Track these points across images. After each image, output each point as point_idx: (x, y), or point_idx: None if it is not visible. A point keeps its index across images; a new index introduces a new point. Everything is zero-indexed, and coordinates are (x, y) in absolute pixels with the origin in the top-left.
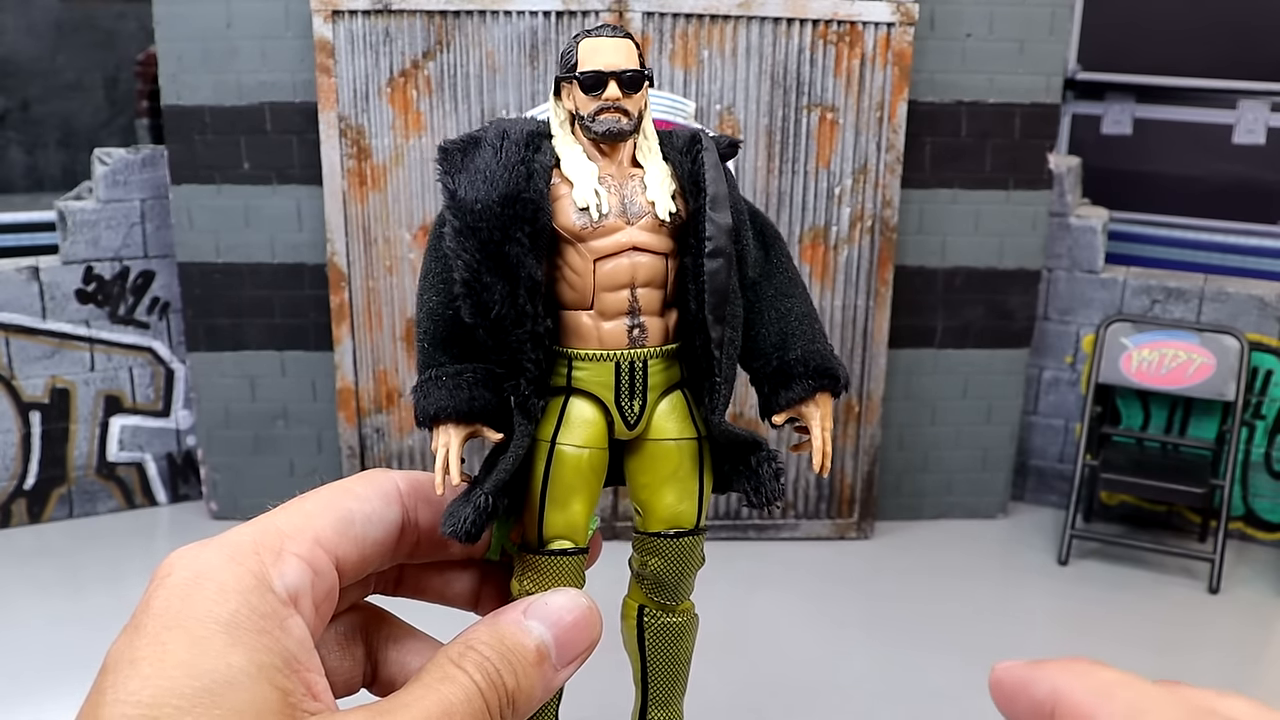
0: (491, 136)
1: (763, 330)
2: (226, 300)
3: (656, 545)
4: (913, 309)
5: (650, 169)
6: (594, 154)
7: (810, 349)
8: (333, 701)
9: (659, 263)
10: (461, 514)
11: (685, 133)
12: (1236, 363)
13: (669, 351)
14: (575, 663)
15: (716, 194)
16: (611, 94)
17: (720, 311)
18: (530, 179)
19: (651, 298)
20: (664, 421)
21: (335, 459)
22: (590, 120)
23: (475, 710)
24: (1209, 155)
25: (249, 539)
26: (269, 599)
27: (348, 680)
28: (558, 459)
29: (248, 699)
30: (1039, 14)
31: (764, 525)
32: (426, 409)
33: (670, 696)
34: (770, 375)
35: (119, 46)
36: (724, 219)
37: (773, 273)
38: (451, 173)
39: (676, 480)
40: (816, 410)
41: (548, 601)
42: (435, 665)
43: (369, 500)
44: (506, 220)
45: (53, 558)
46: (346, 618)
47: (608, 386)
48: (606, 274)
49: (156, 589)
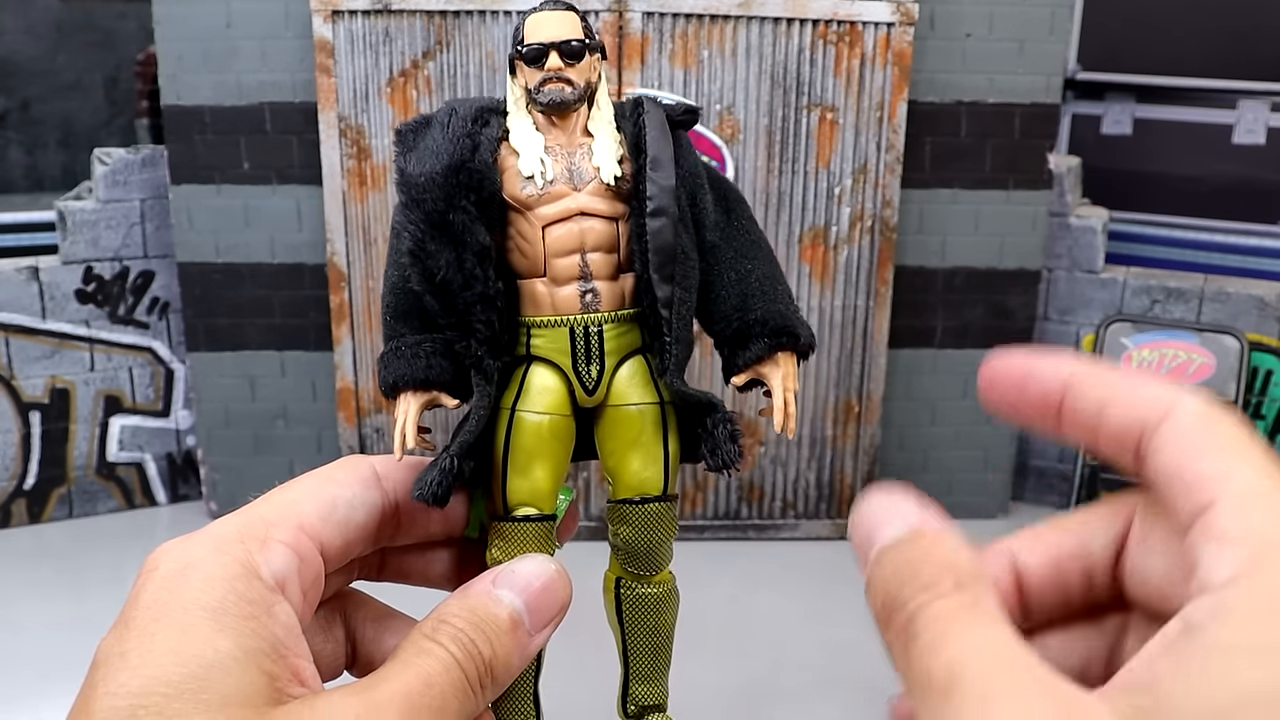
0: (441, 115)
1: (723, 293)
2: (226, 300)
3: (625, 513)
4: (913, 309)
5: (599, 136)
6: (545, 126)
7: (771, 309)
8: (319, 685)
9: (609, 227)
10: (428, 477)
11: (631, 100)
12: (1236, 363)
13: (625, 316)
14: (549, 627)
15: (657, 155)
16: (553, 64)
17: (666, 270)
18: (476, 150)
19: (603, 262)
20: (625, 387)
21: (335, 459)
22: (536, 92)
23: (454, 680)
24: (1209, 155)
25: (234, 529)
26: (256, 586)
27: (331, 663)
28: (517, 425)
29: (235, 684)
30: (1039, 14)
31: (764, 525)
32: (387, 379)
33: (653, 672)
34: (730, 337)
35: (119, 46)
36: (665, 179)
37: (733, 235)
38: (404, 152)
39: (640, 446)
40: (778, 370)
41: (515, 570)
42: (410, 641)
43: (350, 485)
44: (450, 190)
45: (52, 558)
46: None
47: (564, 352)
48: (556, 240)
49: (144, 582)
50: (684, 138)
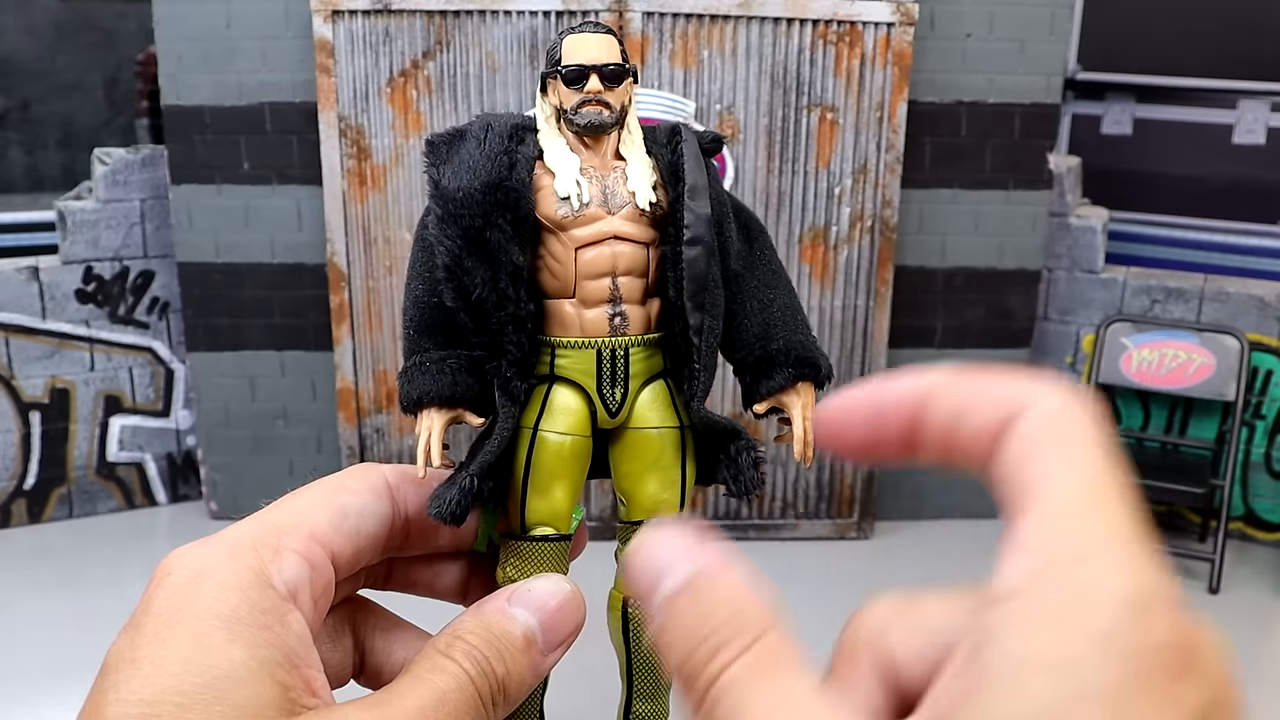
0: (476, 129)
1: (745, 321)
2: (226, 300)
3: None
4: (913, 309)
5: (632, 161)
6: (577, 147)
7: (793, 339)
8: (330, 697)
9: (640, 251)
10: (447, 495)
11: (667, 126)
12: (1236, 363)
13: (651, 340)
14: (562, 647)
15: (695, 184)
16: (593, 87)
17: (699, 299)
18: (513, 169)
19: (633, 286)
20: (646, 410)
21: (335, 459)
22: (573, 113)
23: (467, 697)
24: (1209, 155)
25: (247, 536)
26: (269, 595)
27: (339, 672)
28: (540, 445)
29: (249, 694)
30: (1039, 14)
31: (764, 525)
32: (410, 394)
33: (656, 690)
34: (752, 365)
35: (119, 46)
36: (702, 208)
37: (756, 265)
38: (437, 164)
39: (659, 469)
40: (798, 399)
41: (531, 588)
42: (424, 657)
43: (361, 494)
44: (488, 207)
45: (52, 558)
46: (335, 610)
47: (590, 374)
48: (588, 262)
49: (156, 588)
50: (713, 166)
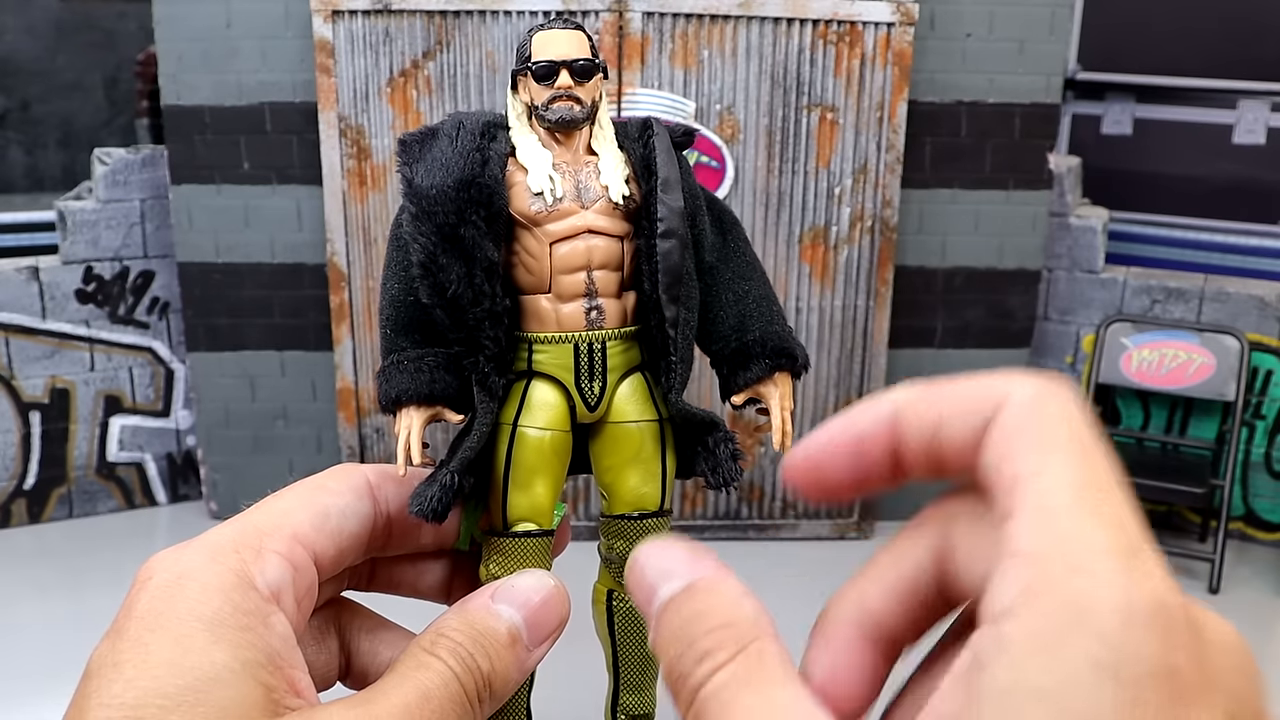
0: (448, 128)
1: (721, 313)
2: (226, 300)
3: (621, 527)
4: (913, 309)
5: (605, 155)
6: (549, 143)
7: (768, 330)
8: (315, 697)
9: (614, 245)
10: (428, 493)
11: (638, 121)
12: (1236, 363)
13: (628, 333)
14: (547, 642)
15: (668, 177)
16: (563, 82)
17: (674, 291)
18: (485, 165)
19: (608, 280)
20: (625, 404)
21: (335, 459)
22: (544, 109)
23: (453, 694)
24: (1209, 155)
25: (228, 538)
26: (252, 596)
27: (324, 674)
28: (519, 441)
29: (232, 695)
30: (1039, 14)
31: (764, 525)
32: (388, 393)
33: (642, 682)
34: (729, 357)
35: (119, 46)
36: (675, 201)
37: (730, 257)
38: (410, 163)
39: (639, 462)
40: (775, 389)
41: (514, 584)
42: (409, 655)
43: (342, 495)
44: (462, 204)
45: (52, 558)
46: (320, 612)
47: (567, 369)
48: (562, 257)
49: (139, 592)
50: (685, 160)
